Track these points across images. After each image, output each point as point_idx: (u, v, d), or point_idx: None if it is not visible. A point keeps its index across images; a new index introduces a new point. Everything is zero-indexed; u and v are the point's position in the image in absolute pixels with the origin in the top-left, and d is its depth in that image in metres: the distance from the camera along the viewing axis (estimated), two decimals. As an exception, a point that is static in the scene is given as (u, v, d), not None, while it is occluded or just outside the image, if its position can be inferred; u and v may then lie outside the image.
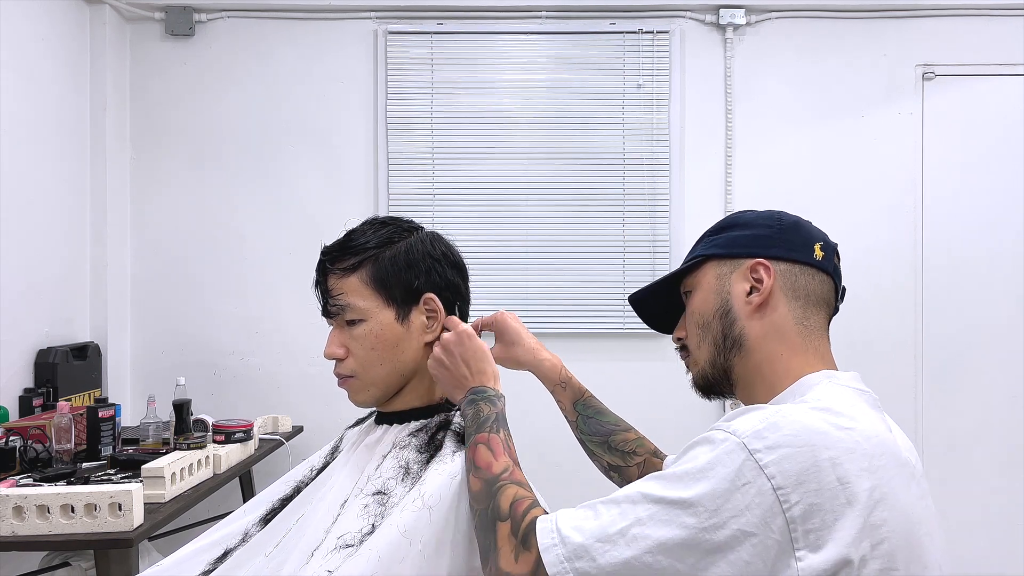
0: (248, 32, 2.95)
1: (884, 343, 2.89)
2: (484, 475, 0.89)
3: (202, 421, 2.30)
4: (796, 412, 0.78)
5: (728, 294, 0.94)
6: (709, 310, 0.96)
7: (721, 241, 0.98)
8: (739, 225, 0.98)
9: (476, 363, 1.02)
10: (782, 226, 0.96)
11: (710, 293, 0.96)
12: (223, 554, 1.05)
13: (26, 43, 2.46)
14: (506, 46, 2.95)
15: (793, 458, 0.73)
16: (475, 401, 0.99)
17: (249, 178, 2.95)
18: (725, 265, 0.96)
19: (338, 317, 1.03)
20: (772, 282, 0.92)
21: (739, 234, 0.97)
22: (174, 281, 2.94)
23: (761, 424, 0.76)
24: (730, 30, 2.91)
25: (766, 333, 0.92)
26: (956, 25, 2.91)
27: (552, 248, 2.92)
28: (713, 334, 0.95)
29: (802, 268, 0.93)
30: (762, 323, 0.92)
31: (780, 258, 0.93)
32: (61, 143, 2.65)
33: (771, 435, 0.74)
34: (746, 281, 0.93)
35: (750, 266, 0.93)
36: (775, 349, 0.91)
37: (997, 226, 2.90)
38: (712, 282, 0.96)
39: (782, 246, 0.94)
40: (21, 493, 1.67)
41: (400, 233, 1.04)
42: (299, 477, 1.11)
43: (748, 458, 0.73)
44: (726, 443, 0.75)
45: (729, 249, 0.96)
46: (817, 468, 0.73)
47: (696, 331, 0.97)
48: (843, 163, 2.92)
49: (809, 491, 0.72)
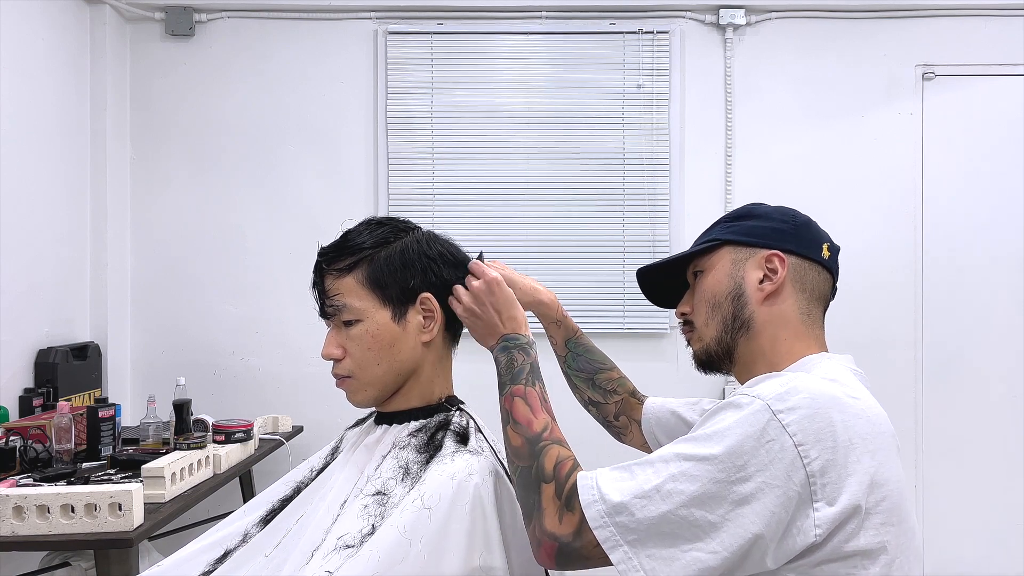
0: (248, 32, 2.95)
1: (884, 343, 2.89)
2: (525, 432, 0.93)
3: (202, 421, 2.31)
4: (811, 380, 0.86)
5: (742, 279, 1.01)
6: (722, 291, 1.02)
7: (740, 228, 1.04)
8: (757, 216, 1.05)
9: (507, 310, 1.04)
10: (796, 223, 1.03)
11: (724, 276, 1.02)
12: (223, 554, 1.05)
13: (26, 43, 2.46)
14: (506, 46, 2.95)
15: (812, 418, 0.81)
16: (508, 348, 1.02)
17: (249, 178, 2.95)
18: (742, 251, 1.02)
19: (335, 317, 1.03)
20: (784, 273, 0.99)
21: (757, 224, 1.04)
22: (174, 281, 2.94)
23: (782, 388, 0.83)
24: (730, 30, 2.91)
25: (773, 319, 0.99)
26: (956, 25, 2.91)
27: (552, 248, 2.92)
28: (723, 314, 1.01)
29: (811, 264, 1.01)
30: (770, 310, 0.99)
31: (793, 252, 1.01)
32: (61, 143, 2.65)
33: (791, 398, 0.82)
34: (760, 269, 1.00)
35: (766, 256, 1.00)
36: (779, 333, 0.99)
37: (997, 226, 2.90)
38: (727, 266, 1.02)
39: (796, 242, 1.01)
40: (21, 493, 1.67)
41: (396, 233, 1.05)
42: (299, 478, 1.11)
43: (772, 418, 0.80)
44: (752, 405, 0.82)
45: (747, 237, 1.02)
46: (832, 428, 0.81)
47: (705, 309, 1.03)
48: (843, 163, 2.92)
49: (826, 448, 0.80)
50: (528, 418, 0.94)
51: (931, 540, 2.84)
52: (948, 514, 2.89)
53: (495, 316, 1.04)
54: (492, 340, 1.05)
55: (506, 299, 1.05)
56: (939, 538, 2.86)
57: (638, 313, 2.89)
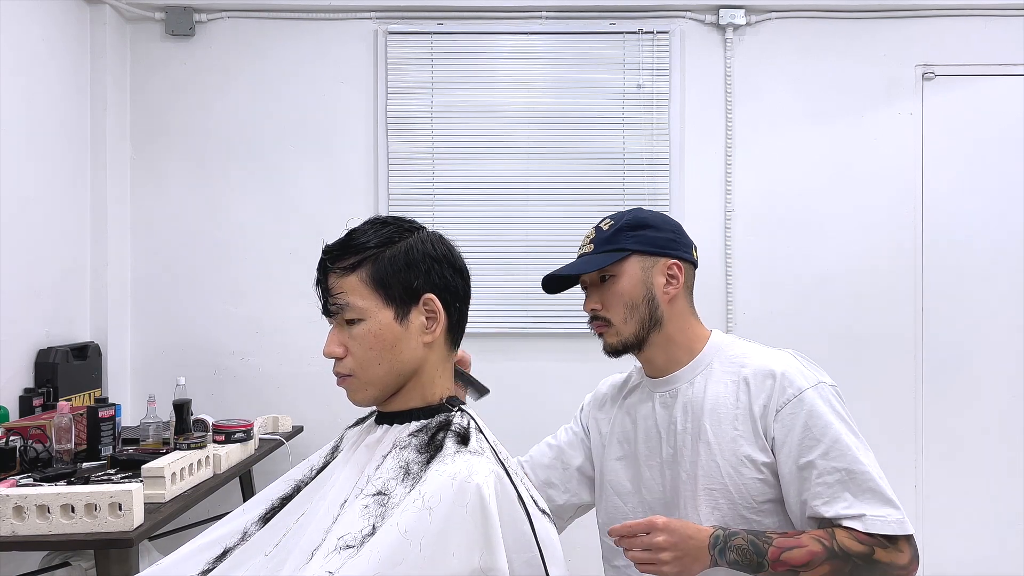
0: (248, 32, 2.95)
1: (884, 343, 2.89)
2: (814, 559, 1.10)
3: (202, 421, 2.30)
4: (798, 359, 1.25)
5: (652, 285, 1.26)
6: (638, 296, 1.25)
7: (643, 239, 1.26)
8: (652, 226, 1.28)
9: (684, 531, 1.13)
10: (679, 232, 1.30)
11: (637, 282, 1.25)
12: (222, 553, 1.04)
13: (26, 44, 2.46)
14: (506, 46, 2.95)
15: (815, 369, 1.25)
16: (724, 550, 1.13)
17: (249, 178, 2.95)
18: (647, 260, 1.26)
19: (337, 316, 1.02)
20: (682, 279, 1.27)
21: (655, 235, 1.27)
22: (174, 281, 2.94)
23: (806, 370, 1.22)
24: (730, 30, 2.91)
25: (675, 314, 1.28)
26: (956, 25, 2.91)
27: (552, 248, 2.92)
28: (640, 315, 1.25)
29: (691, 267, 1.31)
30: (672, 307, 1.27)
31: (683, 259, 1.28)
32: (61, 143, 2.65)
33: (808, 369, 1.23)
34: (663, 275, 1.26)
35: (668, 265, 1.27)
36: (682, 324, 1.29)
37: (997, 226, 2.90)
38: (638, 272, 1.26)
39: (683, 249, 1.29)
40: (21, 493, 1.67)
41: (401, 233, 1.04)
42: (299, 476, 1.11)
43: (827, 386, 1.21)
44: (819, 388, 1.19)
45: (652, 247, 1.26)
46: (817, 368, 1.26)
47: (622, 311, 1.25)
48: (843, 163, 2.92)
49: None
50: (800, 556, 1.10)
51: (931, 540, 2.83)
52: (948, 514, 2.89)
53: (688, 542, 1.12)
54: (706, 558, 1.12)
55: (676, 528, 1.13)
56: (939, 538, 2.86)
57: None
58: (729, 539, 1.12)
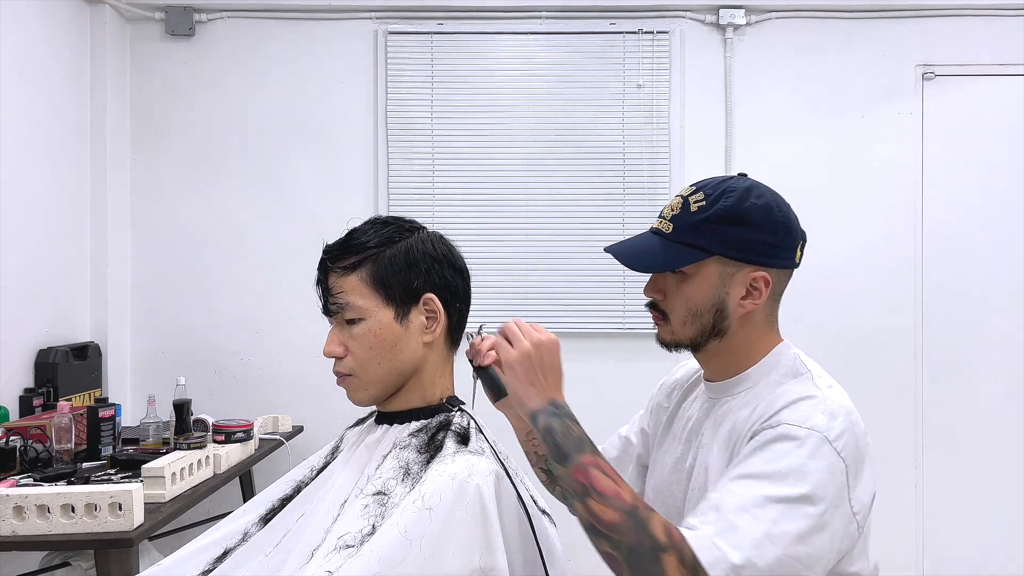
0: (248, 32, 2.95)
1: (884, 342, 2.89)
2: (618, 504, 0.89)
3: (202, 421, 2.31)
4: (836, 397, 0.98)
5: (726, 294, 1.03)
6: (706, 303, 1.04)
7: (731, 240, 1.02)
8: (748, 223, 1.02)
9: (553, 378, 1.00)
10: (784, 233, 1.04)
11: (709, 288, 1.03)
12: (223, 553, 1.04)
13: (26, 43, 2.46)
14: (506, 46, 2.95)
15: (851, 440, 0.94)
16: (558, 416, 0.96)
17: (249, 178, 2.95)
18: (729, 266, 1.03)
19: (338, 315, 1.03)
20: (767, 292, 1.03)
21: (747, 236, 1.02)
22: (174, 281, 2.94)
23: (823, 417, 0.94)
24: (730, 30, 2.91)
25: (745, 325, 1.06)
26: (956, 25, 2.91)
27: (552, 248, 2.92)
28: (703, 323, 1.05)
29: (786, 272, 1.07)
30: (744, 319, 1.05)
31: (776, 267, 1.05)
32: (61, 143, 2.65)
33: (837, 425, 0.93)
34: (743, 286, 1.03)
35: (752, 276, 1.03)
36: (748, 336, 1.06)
37: (997, 226, 2.90)
38: (714, 278, 1.03)
39: (781, 256, 1.04)
40: (21, 493, 1.67)
41: (401, 233, 1.04)
42: (299, 477, 1.11)
43: (832, 449, 0.91)
44: (811, 439, 0.92)
45: (738, 252, 1.02)
46: (857, 440, 0.95)
47: (685, 313, 1.05)
48: (843, 163, 2.92)
49: (857, 458, 0.94)
50: (615, 490, 0.90)
51: (931, 540, 2.84)
52: (948, 514, 2.89)
53: (542, 377, 0.99)
54: (535, 399, 0.98)
55: (558, 367, 1.01)
56: (939, 538, 2.86)
57: (638, 313, 2.89)
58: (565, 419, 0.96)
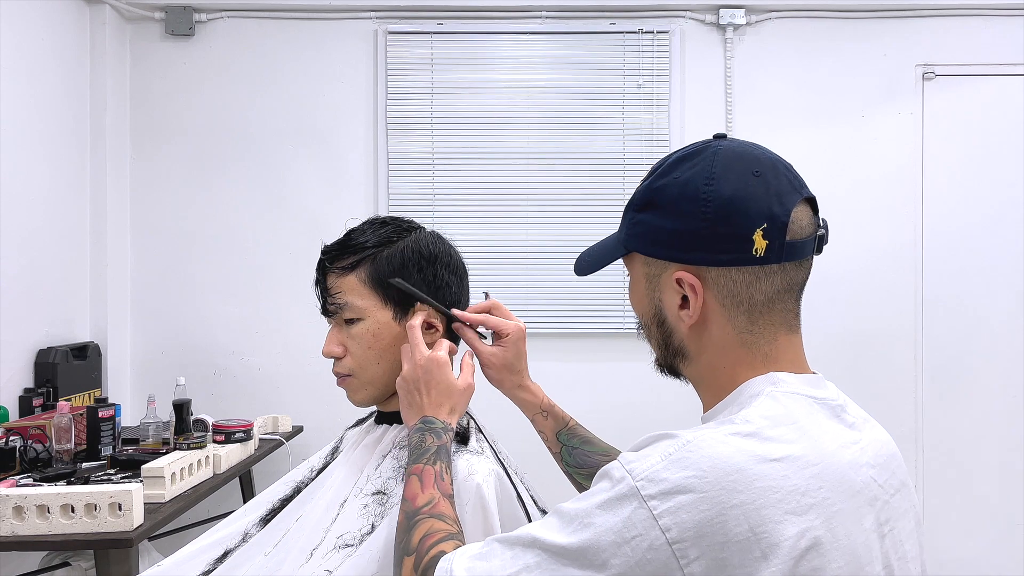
0: (248, 32, 2.95)
1: (884, 343, 2.89)
2: (407, 507, 0.85)
3: (202, 421, 2.30)
4: (711, 443, 0.65)
5: (660, 303, 0.79)
6: (646, 314, 0.81)
7: (642, 229, 0.78)
8: (655, 206, 0.77)
9: (436, 394, 0.96)
10: (711, 217, 0.73)
11: (643, 295, 0.81)
12: (223, 554, 1.05)
13: (26, 43, 2.46)
14: (506, 46, 2.95)
15: (694, 506, 0.62)
16: (422, 430, 0.94)
17: (249, 178, 2.95)
18: (652, 265, 0.79)
19: (336, 316, 1.03)
20: (701, 299, 0.75)
21: (659, 224, 0.76)
22: (174, 281, 2.94)
23: (661, 463, 0.65)
24: (730, 30, 2.91)
25: (705, 347, 0.77)
26: (956, 25, 2.91)
27: (552, 248, 2.92)
28: (655, 338, 0.82)
29: (739, 270, 0.74)
30: (700, 340, 0.77)
31: (708, 263, 0.74)
32: (61, 143, 2.65)
33: (671, 476, 0.64)
34: (675, 291, 0.76)
35: (674, 276, 0.76)
36: (716, 362, 0.77)
37: (997, 225, 2.90)
38: (643, 282, 0.81)
39: (707, 247, 0.73)
40: (21, 493, 1.67)
41: (399, 233, 1.04)
42: (299, 477, 1.11)
43: (640, 506, 0.63)
44: (621, 484, 0.65)
45: (651, 247, 0.78)
46: (723, 517, 0.62)
47: (641, 326, 0.84)
48: (843, 163, 2.92)
49: (713, 544, 0.62)
50: (415, 493, 0.85)
51: (931, 540, 2.83)
52: (948, 514, 2.89)
53: (421, 396, 0.96)
54: (412, 418, 0.97)
55: (440, 382, 0.96)
56: (939, 538, 2.86)
57: (638, 313, 2.89)
58: (425, 433, 0.93)
